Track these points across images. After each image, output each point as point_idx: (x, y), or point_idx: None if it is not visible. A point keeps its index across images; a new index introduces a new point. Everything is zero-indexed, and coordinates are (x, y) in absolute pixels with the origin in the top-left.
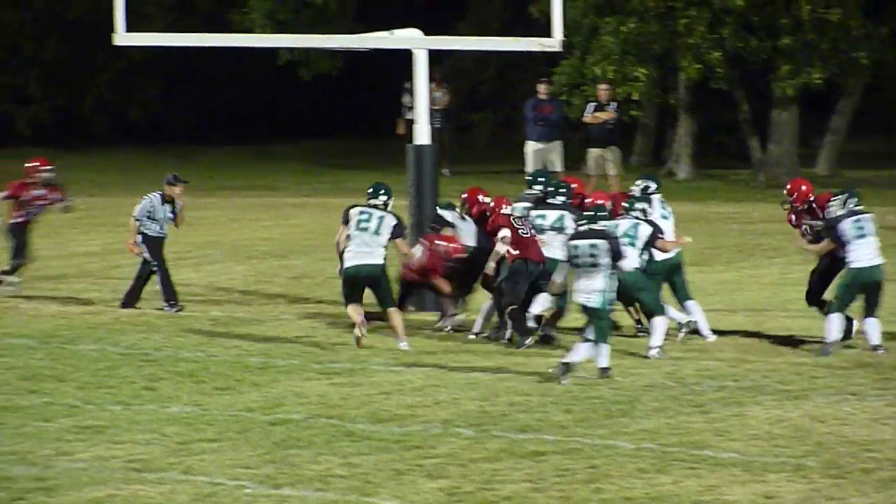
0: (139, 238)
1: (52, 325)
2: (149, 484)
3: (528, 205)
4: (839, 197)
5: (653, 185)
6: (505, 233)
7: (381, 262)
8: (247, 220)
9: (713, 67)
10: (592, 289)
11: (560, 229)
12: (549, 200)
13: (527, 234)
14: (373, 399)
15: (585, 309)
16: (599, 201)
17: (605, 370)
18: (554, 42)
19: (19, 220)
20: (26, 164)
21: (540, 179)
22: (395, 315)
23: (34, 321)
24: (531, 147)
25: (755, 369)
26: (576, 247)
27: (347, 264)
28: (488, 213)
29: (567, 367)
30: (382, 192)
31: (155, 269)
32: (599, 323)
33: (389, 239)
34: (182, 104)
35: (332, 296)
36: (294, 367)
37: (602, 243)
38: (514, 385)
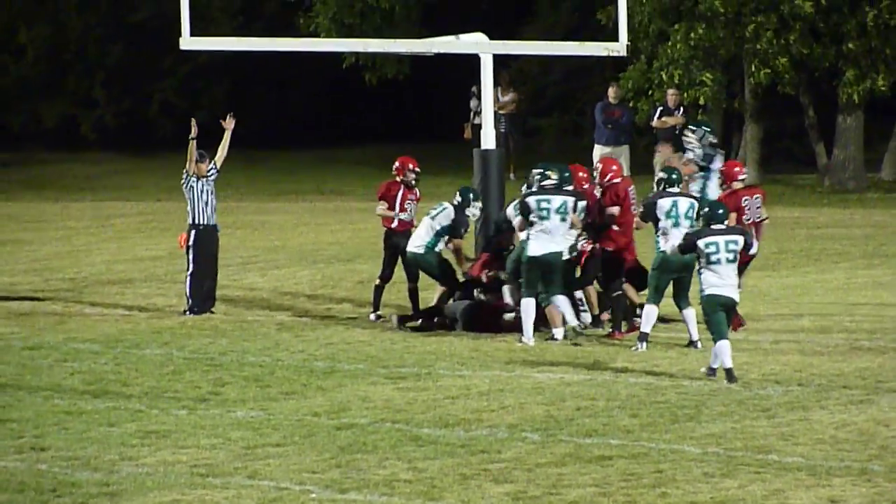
0: (192, 234)
1: (117, 329)
2: (214, 489)
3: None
4: None
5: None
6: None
7: (418, 250)
8: (313, 225)
9: (780, 72)
10: (735, 282)
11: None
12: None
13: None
14: (439, 403)
15: (728, 303)
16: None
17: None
18: (619, 46)
19: (394, 226)
20: (396, 163)
21: (547, 172)
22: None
23: (99, 325)
24: (599, 151)
25: (820, 373)
26: (713, 243)
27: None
28: None
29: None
30: (467, 193)
31: (191, 268)
32: (730, 317)
33: (443, 230)
34: (248, 108)
35: (398, 300)
36: (360, 372)
37: (739, 238)
38: (580, 389)
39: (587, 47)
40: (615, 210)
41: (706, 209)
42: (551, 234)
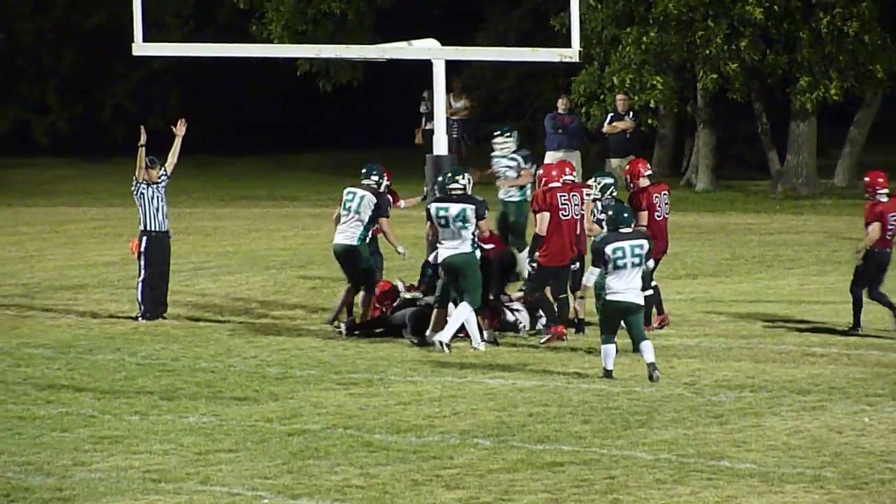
0: (144, 240)
1: (70, 335)
2: (166, 494)
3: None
4: None
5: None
6: None
7: (352, 242)
8: (266, 231)
9: (731, 79)
10: (638, 286)
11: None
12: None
13: None
14: (391, 409)
15: (630, 308)
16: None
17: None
18: (572, 52)
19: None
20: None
21: (456, 177)
22: (349, 294)
23: (52, 331)
24: (550, 157)
25: (773, 380)
26: (620, 248)
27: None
28: None
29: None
30: (373, 172)
31: (142, 274)
32: (640, 319)
33: (371, 217)
34: (202, 114)
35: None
36: (312, 378)
37: (644, 242)
38: (532, 396)
39: (540, 53)
40: (545, 217)
41: (611, 213)
42: (451, 241)
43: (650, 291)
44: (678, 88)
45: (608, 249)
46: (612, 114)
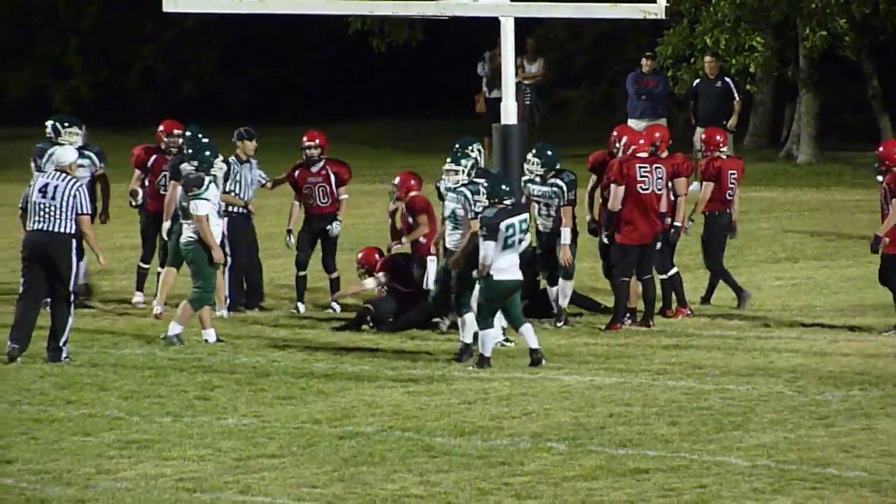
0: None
1: (93, 326)
2: None
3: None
4: None
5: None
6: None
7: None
8: None
9: (839, 35)
10: (517, 262)
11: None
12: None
13: None
14: (454, 409)
15: (516, 286)
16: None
17: (486, 358)
18: (657, 8)
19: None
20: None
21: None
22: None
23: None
24: (634, 125)
25: (886, 377)
26: (511, 225)
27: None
28: None
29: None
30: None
31: (228, 262)
32: (519, 297)
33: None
34: (241, 78)
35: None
36: (365, 374)
37: (527, 217)
38: (613, 394)
39: (620, 10)
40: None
41: (488, 185)
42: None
43: (674, 270)
44: (778, 49)
45: (502, 226)
46: (698, 80)
